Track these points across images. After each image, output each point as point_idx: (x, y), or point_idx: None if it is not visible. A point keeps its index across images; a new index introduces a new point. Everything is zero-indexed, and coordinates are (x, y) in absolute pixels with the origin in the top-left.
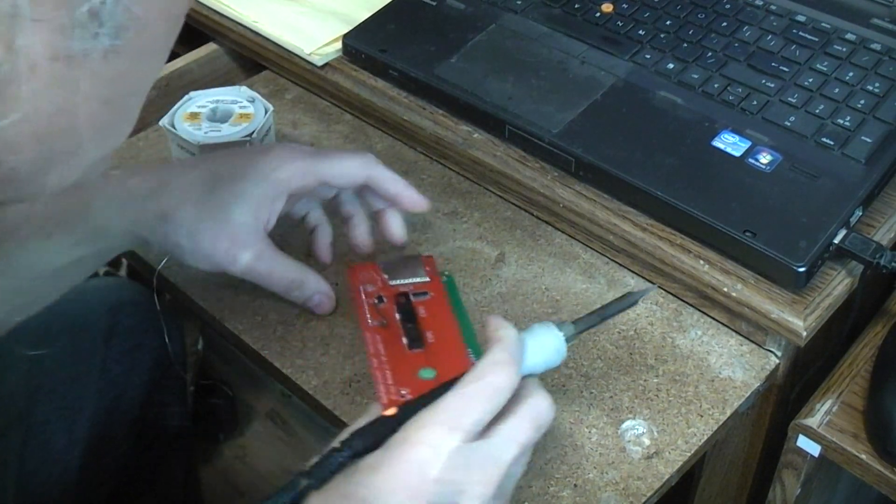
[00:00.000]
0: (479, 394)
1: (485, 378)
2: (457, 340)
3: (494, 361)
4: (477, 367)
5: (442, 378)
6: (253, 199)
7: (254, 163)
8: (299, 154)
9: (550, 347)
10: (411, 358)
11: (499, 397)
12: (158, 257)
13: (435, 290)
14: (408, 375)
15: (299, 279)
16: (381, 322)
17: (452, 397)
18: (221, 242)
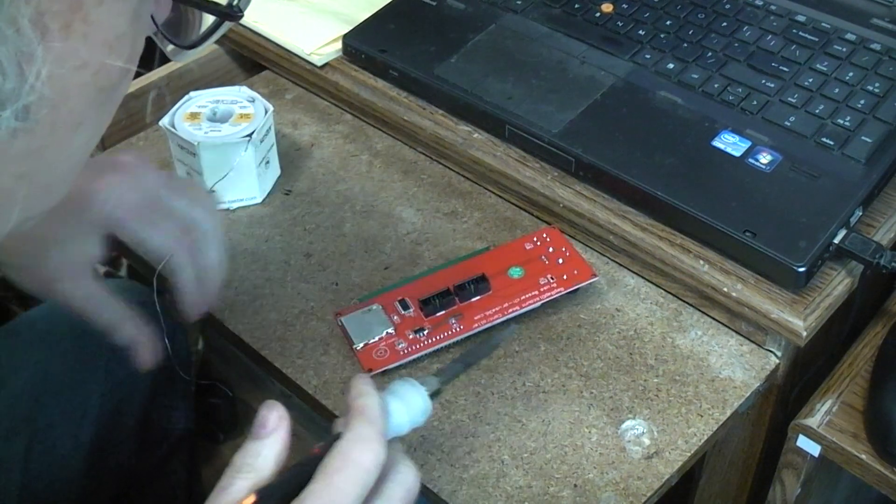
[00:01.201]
0: (348, 480)
1: (351, 460)
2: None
3: (359, 438)
4: (341, 447)
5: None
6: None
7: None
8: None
9: (415, 407)
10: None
11: (368, 478)
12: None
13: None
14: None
15: (116, 322)
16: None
17: (319, 486)
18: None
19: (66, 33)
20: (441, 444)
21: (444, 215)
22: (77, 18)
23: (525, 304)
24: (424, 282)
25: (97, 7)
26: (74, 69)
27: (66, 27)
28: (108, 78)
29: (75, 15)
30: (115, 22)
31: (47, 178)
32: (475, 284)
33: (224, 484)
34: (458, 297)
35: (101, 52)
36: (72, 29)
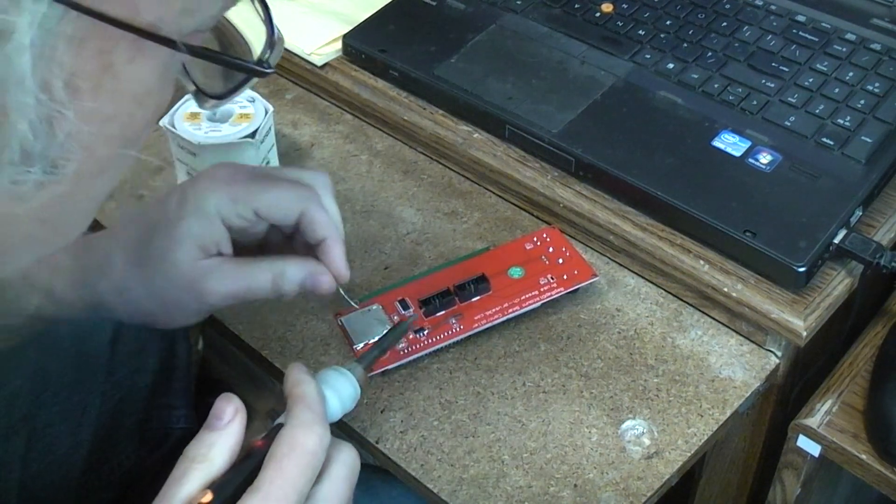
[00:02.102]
0: (297, 464)
1: (298, 444)
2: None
3: (303, 423)
4: (286, 433)
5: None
6: (188, 239)
7: (181, 200)
8: (232, 180)
9: (345, 393)
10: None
11: (315, 461)
12: None
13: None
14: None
15: (279, 270)
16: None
17: (271, 473)
18: (181, 288)
19: (96, 92)
20: (441, 444)
21: (444, 215)
22: (107, 77)
23: (525, 304)
24: (424, 282)
25: (128, 65)
26: (102, 123)
27: (96, 86)
28: (134, 129)
29: (106, 74)
30: (145, 78)
31: (68, 220)
32: (475, 284)
33: (177, 475)
34: (458, 297)
35: (129, 106)
36: (102, 88)
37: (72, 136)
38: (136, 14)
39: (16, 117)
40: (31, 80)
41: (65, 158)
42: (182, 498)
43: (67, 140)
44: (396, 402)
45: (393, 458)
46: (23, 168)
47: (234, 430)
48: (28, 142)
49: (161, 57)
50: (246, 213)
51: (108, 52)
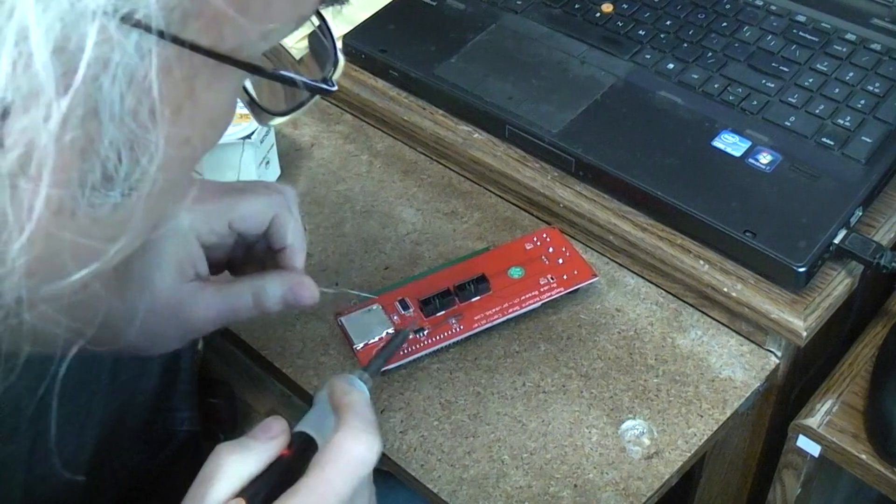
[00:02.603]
0: (342, 470)
1: (344, 451)
2: None
3: (353, 430)
4: (334, 441)
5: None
6: (166, 261)
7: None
8: (200, 198)
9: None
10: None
11: (362, 469)
12: None
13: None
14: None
15: (259, 285)
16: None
17: (313, 478)
18: (163, 317)
19: (176, 118)
20: (441, 444)
21: (444, 215)
22: (188, 102)
23: (525, 304)
24: (424, 282)
25: (206, 91)
26: (179, 147)
27: (178, 112)
28: (204, 147)
29: (187, 100)
30: (220, 101)
31: (134, 236)
32: (475, 284)
33: (208, 472)
34: (458, 297)
35: (203, 128)
36: (182, 113)
37: (152, 160)
38: (220, 41)
39: (102, 143)
40: (120, 108)
41: (141, 181)
42: (215, 498)
43: (148, 164)
44: (396, 402)
45: (393, 458)
46: (103, 192)
47: (274, 445)
48: (111, 167)
49: (236, 80)
50: (220, 228)
51: (190, 79)
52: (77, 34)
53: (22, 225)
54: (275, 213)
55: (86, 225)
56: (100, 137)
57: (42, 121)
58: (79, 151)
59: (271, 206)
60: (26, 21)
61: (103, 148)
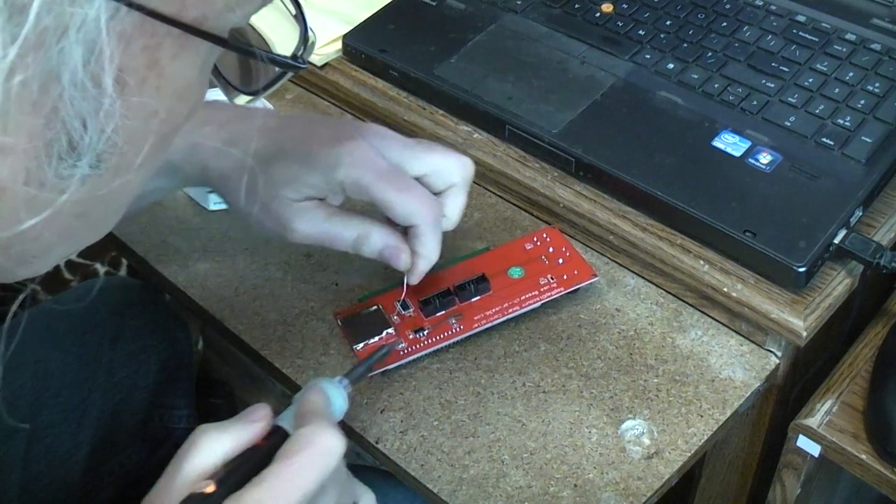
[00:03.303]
0: (308, 461)
1: (312, 443)
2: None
3: (318, 425)
4: (300, 434)
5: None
6: (304, 187)
7: (320, 150)
8: (370, 165)
9: (337, 405)
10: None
11: (330, 461)
12: (157, 257)
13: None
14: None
15: (363, 234)
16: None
17: (279, 466)
18: (270, 213)
19: (141, 87)
20: (441, 444)
21: (444, 215)
22: (153, 73)
23: (525, 304)
24: (424, 282)
25: (172, 62)
26: (146, 118)
27: (142, 81)
28: (174, 123)
29: (151, 70)
30: (186, 73)
31: (103, 215)
32: (475, 284)
33: (186, 448)
34: (458, 297)
35: (170, 101)
36: (147, 83)
37: (118, 130)
38: (182, 10)
39: (66, 111)
40: (84, 74)
41: (109, 153)
42: (190, 471)
43: (113, 134)
44: (396, 402)
45: (393, 458)
46: (70, 162)
47: (252, 428)
48: (77, 135)
49: (202, 53)
50: (366, 198)
51: (154, 48)
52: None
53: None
54: (413, 223)
55: (55, 199)
56: (62, 102)
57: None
58: (42, 117)
59: (413, 215)
60: None
61: (66, 114)
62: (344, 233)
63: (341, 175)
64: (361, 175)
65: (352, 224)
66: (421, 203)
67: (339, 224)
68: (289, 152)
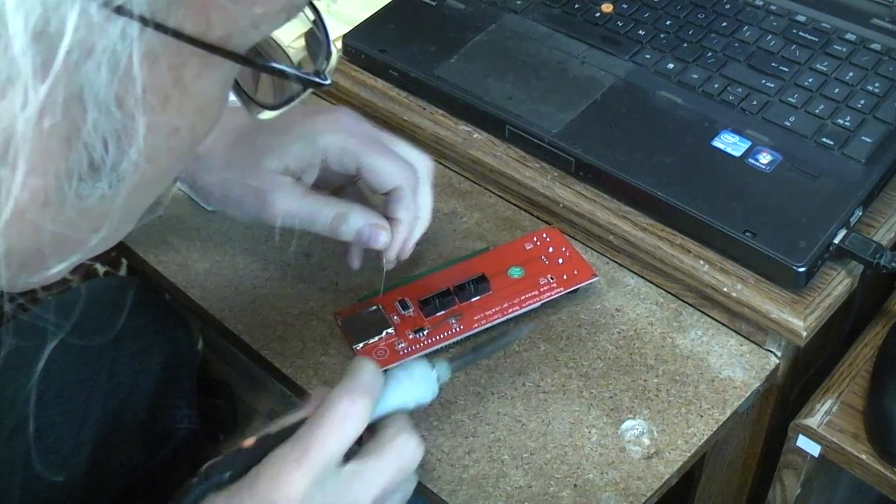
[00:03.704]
0: (326, 425)
1: (331, 408)
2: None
3: (343, 390)
4: (326, 399)
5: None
6: (286, 155)
7: (301, 120)
8: (352, 131)
9: (421, 384)
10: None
11: (347, 426)
12: (157, 257)
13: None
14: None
15: (343, 211)
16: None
17: (302, 432)
18: (250, 187)
19: (164, 106)
20: (441, 444)
21: (444, 215)
22: (176, 91)
23: (525, 304)
24: (424, 282)
25: (196, 80)
26: (168, 136)
27: (165, 101)
28: (194, 138)
29: (175, 88)
30: (209, 91)
31: (118, 226)
32: (475, 284)
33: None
34: (458, 297)
35: (192, 118)
36: (170, 102)
37: (139, 150)
38: (207, 30)
39: (88, 132)
40: (105, 95)
41: (130, 172)
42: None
43: (135, 154)
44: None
45: None
46: (90, 183)
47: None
48: (98, 157)
49: (226, 70)
50: (349, 165)
51: (178, 68)
52: (58, 19)
53: (6, 216)
54: (399, 183)
55: (73, 217)
56: (84, 125)
57: (19, 108)
58: (63, 139)
59: (399, 176)
60: (4, 5)
61: (89, 136)
62: (323, 209)
63: (325, 141)
64: (346, 140)
65: (331, 202)
66: (402, 165)
67: (319, 201)
68: (269, 125)
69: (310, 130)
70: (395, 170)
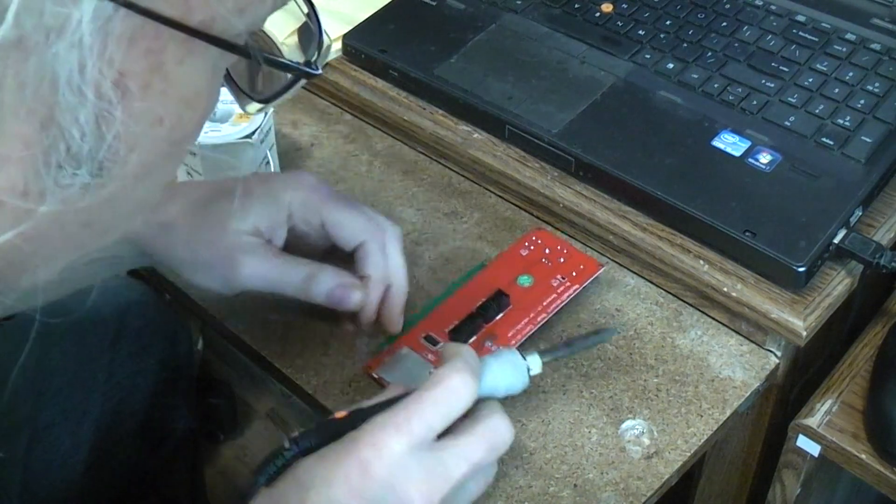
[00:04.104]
0: (432, 398)
1: (440, 383)
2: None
3: (452, 368)
4: (434, 374)
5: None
6: (252, 215)
7: (264, 182)
8: (314, 188)
9: (512, 372)
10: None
11: (453, 402)
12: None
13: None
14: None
15: (312, 273)
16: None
17: (406, 401)
18: (219, 251)
19: (144, 93)
20: None
21: (444, 215)
22: (157, 78)
23: (550, 308)
24: (439, 312)
25: (177, 66)
26: (150, 125)
27: (145, 87)
28: (183, 131)
29: (155, 75)
30: (194, 79)
31: (111, 223)
32: (497, 301)
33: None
34: (484, 319)
35: (178, 107)
36: (151, 88)
37: (119, 137)
38: (187, 13)
39: (63, 117)
40: (80, 79)
41: (111, 161)
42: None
43: (115, 142)
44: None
45: None
46: (69, 170)
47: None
48: (75, 143)
49: (211, 58)
50: (313, 220)
51: (157, 52)
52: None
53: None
54: (363, 239)
55: (58, 209)
56: (60, 109)
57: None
58: (38, 123)
59: (364, 230)
60: None
61: (63, 119)
62: (292, 272)
63: (288, 197)
64: (308, 196)
65: (301, 263)
66: (368, 220)
67: (288, 263)
68: (231, 191)
69: (272, 188)
70: (358, 223)
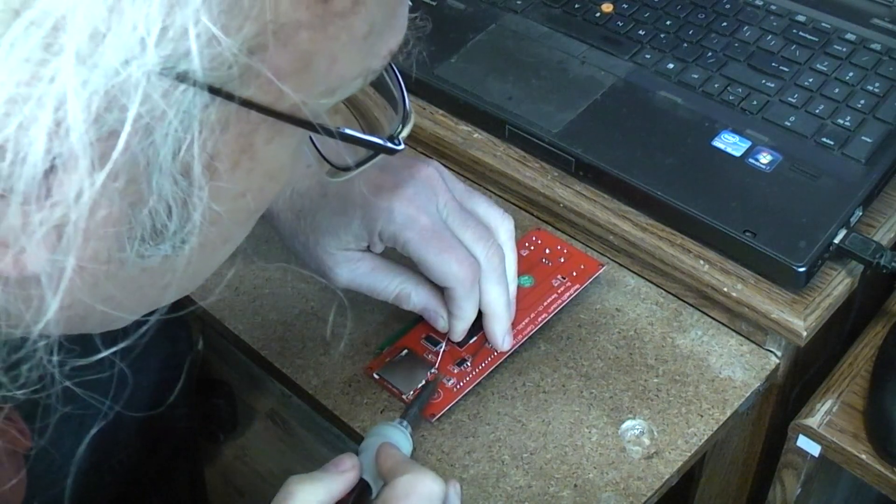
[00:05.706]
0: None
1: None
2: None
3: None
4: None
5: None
6: (345, 236)
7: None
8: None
9: (404, 448)
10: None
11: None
12: None
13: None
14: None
15: (404, 293)
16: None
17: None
18: (314, 259)
19: (232, 173)
20: (441, 444)
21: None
22: (245, 157)
23: (551, 308)
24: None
25: (266, 145)
26: (233, 200)
27: (233, 167)
28: (263, 202)
29: (244, 155)
30: (280, 155)
31: (182, 285)
32: None
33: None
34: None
35: (261, 181)
36: (239, 167)
37: (204, 214)
38: (279, 99)
39: (152, 200)
40: (173, 165)
41: (192, 234)
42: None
43: (199, 218)
44: (396, 402)
45: None
46: (152, 245)
47: (344, 479)
48: (161, 222)
49: (298, 135)
50: (404, 254)
51: (248, 135)
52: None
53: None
54: (450, 286)
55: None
56: (150, 193)
57: (73, 199)
58: (128, 205)
59: (450, 278)
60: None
61: (153, 202)
62: (387, 286)
63: (380, 229)
64: (399, 232)
65: (394, 280)
66: (459, 265)
67: (381, 278)
68: (331, 200)
69: (366, 216)
70: (446, 270)
